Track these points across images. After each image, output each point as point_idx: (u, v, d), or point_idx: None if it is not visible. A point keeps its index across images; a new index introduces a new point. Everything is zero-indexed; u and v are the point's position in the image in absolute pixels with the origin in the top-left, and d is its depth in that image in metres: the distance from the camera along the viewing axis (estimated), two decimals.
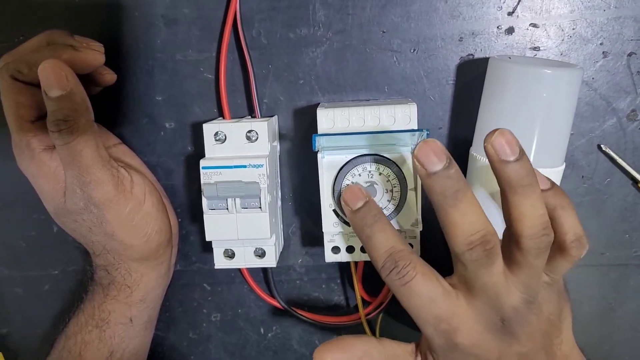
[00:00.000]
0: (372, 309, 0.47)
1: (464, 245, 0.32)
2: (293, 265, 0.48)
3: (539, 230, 0.32)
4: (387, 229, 0.35)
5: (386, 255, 0.34)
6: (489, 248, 0.32)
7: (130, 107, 0.45)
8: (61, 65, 0.35)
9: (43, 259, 0.49)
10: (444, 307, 0.33)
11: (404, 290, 0.33)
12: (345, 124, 0.39)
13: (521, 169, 0.31)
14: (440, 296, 0.33)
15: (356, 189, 0.37)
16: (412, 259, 0.34)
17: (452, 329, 0.33)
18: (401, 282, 0.33)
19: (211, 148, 0.42)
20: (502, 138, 0.31)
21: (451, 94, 0.44)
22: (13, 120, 0.38)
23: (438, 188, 0.32)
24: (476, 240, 0.31)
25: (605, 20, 0.42)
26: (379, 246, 0.35)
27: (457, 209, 0.32)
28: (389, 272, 0.34)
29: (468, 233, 0.32)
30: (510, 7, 0.43)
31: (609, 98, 0.44)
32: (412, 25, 0.43)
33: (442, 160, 0.32)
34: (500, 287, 0.33)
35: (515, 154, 0.31)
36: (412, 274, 0.33)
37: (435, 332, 0.34)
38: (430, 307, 0.33)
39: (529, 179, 0.32)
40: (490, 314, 0.33)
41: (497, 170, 0.32)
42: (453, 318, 0.33)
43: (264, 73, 0.44)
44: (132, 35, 0.44)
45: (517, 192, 0.32)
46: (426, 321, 0.34)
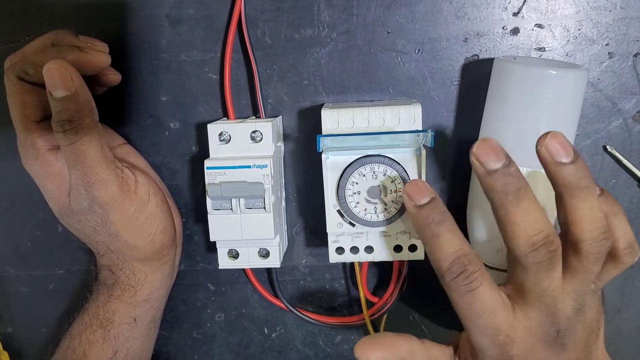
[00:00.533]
0: (376, 310, 0.47)
1: (527, 246, 0.30)
2: (297, 266, 0.48)
3: (599, 235, 0.31)
4: (454, 229, 0.33)
5: (454, 258, 0.32)
6: (553, 250, 0.31)
7: (135, 107, 0.46)
8: (66, 66, 0.35)
9: (48, 258, 0.49)
10: (504, 318, 0.32)
11: (468, 297, 0.32)
12: (350, 125, 0.39)
13: (578, 170, 0.31)
14: (501, 307, 0.32)
15: (421, 184, 0.35)
16: (480, 265, 0.32)
17: (510, 341, 0.32)
18: (467, 288, 0.32)
19: (215, 148, 0.42)
20: (555, 140, 0.31)
21: (456, 94, 0.44)
22: (19, 120, 0.38)
23: (499, 186, 0.31)
24: (540, 241, 0.30)
25: (611, 20, 0.42)
26: (447, 247, 0.32)
27: (520, 208, 0.31)
28: (455, 276, 0.32)
29: (531, 233, 0.30)
30: (515, 7, 0.42)
31: (615, 99, 0.43)
32: (416, 25, 0.43)
33: (501, 158, 0.31)
34: (558, 294, 0.32)
35: (570, 155, 0.31)
36: (480, 281, 0.32)
37: (491, 344, 0.32)
38: (491, 318, 0.32)
39: (587, 181, 0.31)
40: (546, 325, 0.32)
41: (552, 173, 0.31)
42: (511, 330, 0.32)
43: (268, 73, 0.44)
44: (137, 35, 0.44)
45: (575, 195, 0.31)
46: (484, 332, 0.32)
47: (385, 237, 0.40)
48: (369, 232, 0.40)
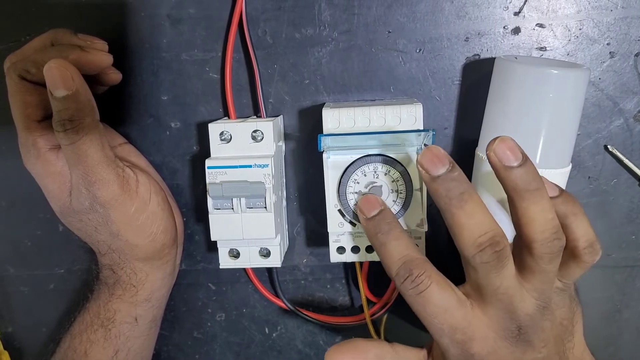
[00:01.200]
0: (377, 309, 0.47)
1: (473, 247, 0.31)
2: (298, 265, 0.48)
3: (550, 235, 0.31)
4: (401, 237, 0.35)
5: (400, 263, 0.34)
6: (499, 250, 0.31)
7: (136, 106, 0.46)
8: (67, 65, 0.35)
9: (48, 258, 0.49)
10: (459, 316, 0.33)
11: (419, 299, 0.33)
12: (351, 124, 0.39)
13: (526, 173, 0.31)
14: (455, 306, 0.33)
15: (372, 198, 0.37)
16: (426, 267, 0.33)
17: (468, 338, 0.33)
18: (415, 291, 0.33)
19: (216, 148, 0.42)
20: (503, 145, 0.31)
21: (457, 94, 0.44)
22: (20, 120, 0.38)
23: (443, 191, 0.32)
24: (485, 242, 0.31)
25: (612, 20, 0.42)
26: (393, 254, 0.34)
27: (464, 210, 0.32)
28: (403, 281, 0.33)
29: (476, 234, 0.31)
30: (516, 7, 0.42)
31: (616, 98, 0.43)
32: (417, 25, 0.43)
33: (445, 164, 0.32)
34: (514, 292, 0.32)
35: (519, 159, 0.31)
36: (427, 283, 0.33)
37: (450, 343, 0.33)
38: (445, 317, 0.33)
39: (536, 183, 0.31)
40: (506, 322, 0.33)
41: (502, 177, 0.32)
42: (468, 328, 0.33)
43: (269, 73, 0.44)
44: (138, 35, 0.44)
45: (524, 198, 0.31)
46: (441, 331, 0.33)
47: None
48: None
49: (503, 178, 0.32)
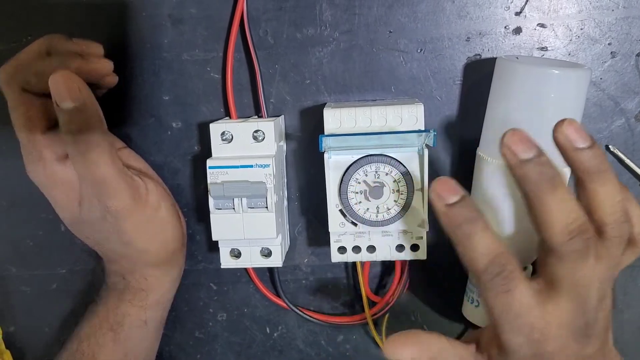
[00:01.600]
0: (378, 310, 0.47)
1: (564, 235, 0.30)
2: (299, 265, 0.48)
3: (620, 217, 0.31)
4: (488, 228, 0.32)
5: (490, 258, 0.31)
6: (588, 237, 0.30)
7: (137, 106, 0.46)
8: (72, 77, 0.34)
9: (50, 258, 0.49)
10: (539, 315, 0.31)
11: (505, 297, 0.31)
12: (352, 124, 0.39)
13: (596, 155, 0.31)
14: (536, 304, 0.31)
15: (450, 181, 0.32)
16: (516, 264, 0.31)
17: (544, 338, 0.31)
18: (505, 288, 0.31)
19: (218, 148, 0.42)
20: (572, 127, 0.31)
21: (458, 94, 0.44)
22: (23, 133, 0.37)
23: (533, 175, 0.30)
24: (576, 229, 0.30)
25: (614, 20, 0.42)
26: (482, 246, 0.31)
27: (555, 196, 0.30)
28: (492, 277, 0.31)
29: (568, 221, 0.30)
30: (517, 7, 0.42)
31: (617, 98, 0.43)
32: (419, 25, 0.43)
33: (532, 148, 0.30)
34: (591, 283, 0.31)
35: (587, 141, 0.31)
36: (517, 282, 0.31)
37: (525, 342, 0.31)
38: (527, 316, 0.31)
39: (604, 165, 0.31)
40: (577, 318, 0.31)
41: (572, 159, 0.31)
42: (546, 327, 0.31)
43: (270, 73, 0.44)
44: (139, 35, 0.44)
45: (594, 179, 0.31)
46: (519, 330, 0.31)
47: (387, 237, 0.40)
48: (371, 231, 0.40)
49: (573, 159, 0.31)
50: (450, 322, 0.48)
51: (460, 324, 0.48)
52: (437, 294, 0.48)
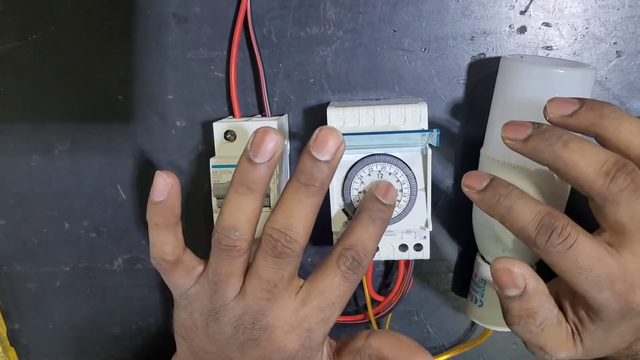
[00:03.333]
0: (381, 309, 0.47)
1: (603, 178, 0.29)
2: (303, 264, 0.48)
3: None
4: (526, 195, 0.32)
5: (538, 220, 0.30)
6: (630, 170, 0.29)
7: (141, 105, 0.46)
8: None
9: (55, 255, 0.49)
10: (614, 264, 0.30)
11: (570, 254, 0.30)
12: (356, 124, 0.39)
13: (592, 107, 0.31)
14: (607, 254, 0.30)
15: (475, 172, 0.34)
16: (567, 218, 0.30)
17: (629, 287, 0.30)
18: (565, 245, 0.30)
19: (221, 147, 0.42)
20: (554, 102, 0.31)
21: (462, 93, 0.44)
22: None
23: (541, 144, 0.30)
24: (612, 168, 0.29)
25: (619, 19, 0.42)
26: (525, 213, 0.31)
27: (572, 150, 0.30)
28: (548, 237, 0.30)
29: (599, 164, 0.29)
30: (522, 6, 0.42)
31: (623, 98, 0.43)
32: (423, 24, 0.43)
33: (528, 126, 0.31)
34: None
35: (575, 103, 0.31)
36: (575, 235, 0.30)
37: (611, 296, 0.30)
38: (602, 268, 0.30)
39: (607, 108, 0.31)
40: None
41: (574, 126, 0.31)
42: (627, 275, 0.30)
43: (274, 72, 0.44)
44: (143, 33, 0.44)
45: (607, 126, 0.30)
46: (599, 285, 0.30)
47: (390, 236, 0.40)
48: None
49: (576, 125, 0.31)
50: (454, 322, 0.48)
51: (465, 324, 0.48)
52: (440, 294, 0.48)
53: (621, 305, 0.30)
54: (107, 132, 0.46)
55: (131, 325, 0.50)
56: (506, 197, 0.32)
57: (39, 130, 0.46)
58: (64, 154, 0.47)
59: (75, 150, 0.47)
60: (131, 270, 0.49)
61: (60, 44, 0.45)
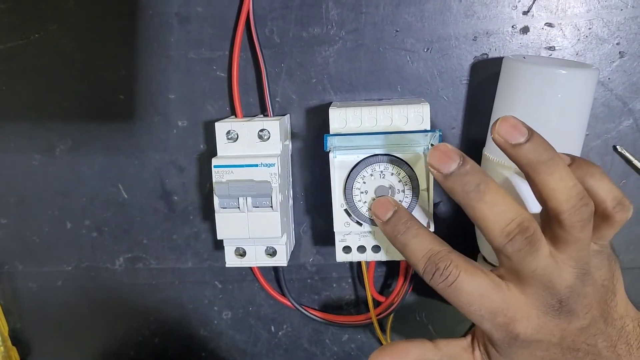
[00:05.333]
0: (383, 309, 0.47)
1: (502, 237, 0.31)
2: (304, 264, 0.48)
3: (577, 202, 0.30)
4: (420, 233, 0.34)
5: (425, 260, 0.33)
6: (530, 235, 0.31)
7: (143, 104, 0.46)
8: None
9: (56, 254, 0.49)
10: (496, 299, 0.32)
11: (451, 291, 0.32)
12: (358, 124, 0.39)
13: (536, 146, 0.31)
14: (490, 289, 0.32)
15: (384, 200, 0.37)
16: (452, 258, 0.33)
17: (510, 320, 0.32)
18: (446, 283, 0.32)
19: (223, 146, 0.42)
20: (506, 124, 0.31)
21: (465, 93, 0.44)
22: None
23: (458, 187, 0.31)
24: (514, 230, 0.30)
25: (622, 19, 0.42)
26: (416, 252, 0.34)
27: (484, 202, 0.31)
28: (432, 276, 0.33)
29: (503, 224, 0.31)
30: (525, 6, 0.42)
31: (625, 99, 0.43)
32: (425, 24, 0.43)
33: (455, 160, 0.31)
34: (551, 270, 0.31)
35: (524, 134, 0.31)
36: (456, 273, 0.32)
37: (493, 327, 0.32)
38: (482, 302, 0.32)
39: (548, 153, 0.31)
40: (546, 298, 0.32)
41: (512, 156, 0.31)
42: (508, 309, 0.32)
43: (276, 72, 0.44)
44: (146, 33, 0.44)
45: (540, 171, 0.31)
46: (481, 317, 0.32)
47: None
48: (376, 231, 0.40)
49: (514, 156, 0.31)
50: (456, 322, 0.48)
51: (466, 324, 0.48)
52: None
53: (504, 335, 0.32)
54: (108, 132, 0.46)
55: (132, 324, 0.50)
56: (402, 235, 0.35)
57: (41, 129, 0.46)
58: (65, 153, 0.47)
59: (76, 149, 0.47)
60: (132, 269, 0.49)
61: (61, 44, 0.45)
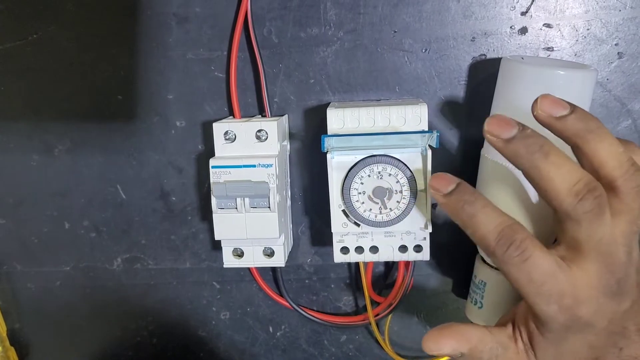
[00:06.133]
0: (381, 310, 0.47)
1: (572, 197, 0.30)
2: (302, 265, 0.48)
3: (629, 167, 0.30)
4: (489, 204, 0.32)
5: (498, 231, 0.31)
6: (598, 195, 0.30)
7: (142, 105, 0.46)
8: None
9: (55, 255, 0.49)
10: (565, 280, 0.31)
11: (525, 266, 0.31)
12: (355, 124, 0.39)
13: (581, 117, 0.31)
14: (559, 270, 0.31)
15: (444, 175, 0.34)
16: (527, 232, 0.31)
17: (576, 302, 0.31)
18: (522, 257, 0.31)
19: (221, 147, 0.42)
20: (547, 100, 0.31)
21: (463, 94, 0.44)
22: None
23: (522, 149, 0.31)
24: (583, 189, 0.30)
25: (621, 20, 0.42)
26: (488, 222, 0.32)
27: (550, 162, 0.30)
28: (506, 249, 0.31)
29: (571, 183, 0.30)
30: (523, 7, 0.42)
31: (624, 99, 0.43)
32: (423, 25, 0.43)
33: (514, 126, 0.31)
34: (612, 241, 0.31)
35: (567, 107, 0.31)
36: (532, 248, 0.31)
37: (559, 310, 0.31)
38: (553, 283, 0.31)
39: (594, 122, 0.31)
40: (607, 278, 0.31)
41: (559, 129, 0.31)
42: (575, 290, 0.31)
43: (274, 72, 0.44)
44: (144, 33, 0.44)
45: (589, 140, 0.30)
46: (549, 298, 0.31)
47: (390, 238, 0.40)
48: (373, 232, 0.40)
49: (561, 129, 0.31)
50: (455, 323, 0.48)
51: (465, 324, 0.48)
52: (440, 295, 0.48)
53: (567, 318, 0.31)
54: (107, 132, 0.46)
55: (130, 324, 0.50)
56: (470, 205, 0.32)
57: (39, 129, 0.46)
58: (64, 154, 0.47)
59: (75, 150, 0.47)
60: (131, 269, 0.49)
61: (60, 44, 0.45)
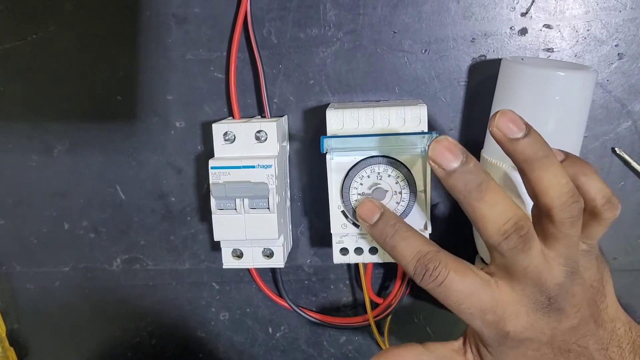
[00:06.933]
0: (380, 311, 0.47)
1: (498, 236, 0.31)
2: (301, 266, 0.48)
3: (567, 199, 0.31)
4: (408, 235, 0.35)
5: (415, 262, 0.34)
6: (524, 234, 0.31)
7: (141, 105, 0.46)
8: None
9: (54, 255, 0.49)
10: (486, 297, 0.33)
11: (441, 290, 0.33)
12: (355, 125, 0.39)
13: (533, 142, 0.31)
14: (479, 287, 0.33)
15: (369, 203, 0.37)
16: (441, 258, 0.33)
17: (500, 318, 0.33)
18: (435, 283, 0.33)
19: (220, 148, 0.42)
20: (505, 117, 0.31)
21: (462, 95, 0.44)
22: None
23: (460, 185, 0.31)
24: (510, 229, 0.31)
25: (621, 21, 0.42)
26: (405, 254, 0.34)
27: (484, 202, 0.31)
28: (422, 277, 0.33)
29: (500, 223, 0.31)
30: (523, 7, 0.42)
31: (624, 100, 0.43)
32: (423, 25, 0.43)
33: (458, 157, 0.31)
34: (542, 267, 0.32)
35: (522, 129, 0.31)
36: (445, 273, 0.33)
37: (483, 325, 0.33)
38: (471, 301, 0.33)
39: (544, 151, 0.31)
40: (535, 295, 0.32)
41: (509, 150, 0.31)
42: (498, 307, 0.33)
43: (274, 73, 0.44)
44: (143, 34, 0.44)
45: (535, 167, 0.31)
46: (471, 315, 0.33)
47: None
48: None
49: (510, 151, 0.31)
50: (454, 323, 0.48)
51: (464, 325, 0.48)
52: None
53: (494, 333, 0.33)
54: (106, 133, 0.46)
55: (130, 325, 0.50)
56: (391, 237, 0.35)
57: (38, 130, 0.46)
58: (63, 154, 0.47)
59: (74, 150, 0.47)
60: (130, 270, 0.49)
61: (59, 44, 0.45)
